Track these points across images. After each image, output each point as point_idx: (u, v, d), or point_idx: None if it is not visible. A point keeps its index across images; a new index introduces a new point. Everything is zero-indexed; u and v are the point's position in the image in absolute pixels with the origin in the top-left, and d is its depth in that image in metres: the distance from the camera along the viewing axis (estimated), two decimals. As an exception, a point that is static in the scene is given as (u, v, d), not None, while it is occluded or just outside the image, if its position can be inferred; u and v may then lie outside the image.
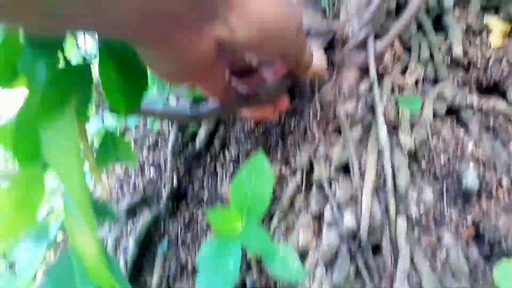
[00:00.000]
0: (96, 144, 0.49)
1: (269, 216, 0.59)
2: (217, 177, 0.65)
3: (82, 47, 0.62)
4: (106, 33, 0.29)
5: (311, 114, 0.61)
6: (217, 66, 0.37)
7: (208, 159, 0.67)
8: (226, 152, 0.65)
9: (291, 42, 0.37)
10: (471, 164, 0.52)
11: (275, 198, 0.60)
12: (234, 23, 0.30)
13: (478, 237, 0.50)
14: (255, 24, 0.31)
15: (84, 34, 0.59)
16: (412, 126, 0.56)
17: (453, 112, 0.61)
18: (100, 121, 0.61)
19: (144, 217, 0.65)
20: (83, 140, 0.36)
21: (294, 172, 0.60)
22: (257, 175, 0.47)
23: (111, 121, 0.65)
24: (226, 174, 0.64)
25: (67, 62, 0.35)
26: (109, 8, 0.23)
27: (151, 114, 0.43)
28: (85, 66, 0.35)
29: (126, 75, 0.39)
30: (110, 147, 0.42)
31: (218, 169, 0.65)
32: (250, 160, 0.48)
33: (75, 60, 0.36)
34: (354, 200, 0.50)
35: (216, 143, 0.66)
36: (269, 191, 0.45)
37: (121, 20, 0.25)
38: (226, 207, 0.45)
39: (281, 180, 0.61)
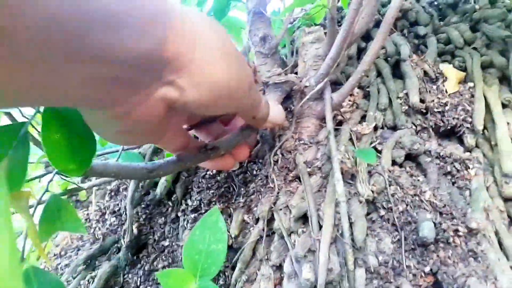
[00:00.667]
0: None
1: (231, 266, 0.58)
2: (178, 225, 0.64)
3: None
4: (48, 104, 0.28)
5: (272, 161, 0.61)
6: (170, 123, 0.37)
7: (170, 206, 0.66)
8: (188, 200, 0.64)
9: (243, 99, 0.37)
10: (428, 212, 0.52)
11: (238, 247, 0.60)
12: (183, 85, 0.29)
13: (436, 285, 0.49)
14: (204, 85, 0.31)
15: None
16: (370, 174, 0.57)
17: (412, 158, 0.62)
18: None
19: (103, 268, 0.63)
20: (23, 212, 0.34)
21: (256, 220, 0.60)
22: (211, 233, 0.46)
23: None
24: (187, 222, 0.63)
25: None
26: (53, 86, 0.23)
27: (104, 174, 0.42)
28: (20, 125, 0.34)
29: (72, 135, 0.38)
30: (55, 216, 0.40)
31: (180, 217, 0.64)
32: (205, 217, 0.47)
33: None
34: (313, 252, 0.50)
35: (178, 190, 0.66)
36: (223, 250, 0.44)
37: (65, 93, 0.25)
38: (179, 269, 0.44)
39: (244, 228, 0.61)
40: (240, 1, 0.67)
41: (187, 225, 0.63)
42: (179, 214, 0.65)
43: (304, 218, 0.54)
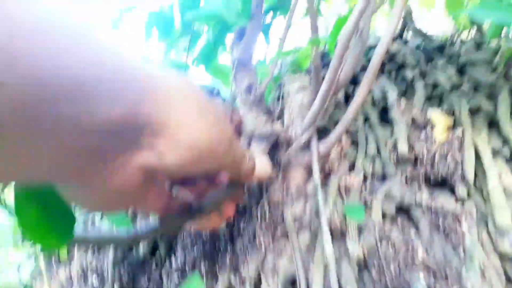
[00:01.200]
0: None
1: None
2: (162, 286, 0.61)
3: None
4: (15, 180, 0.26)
5: (259, 216, 0.59)
6: (150, 185, 0.34)
7: (153, 266, 0.63)
8: (172, 259, 0.61)
9: (225, 156, 0.35)
10: (421, 273, 0.50)
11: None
12: (161, 149, 0.28)
13: None
14: (183, 147, 0.29)
15: None
16: (360, 231, 0.54)
17: (403, 210, 0.60)
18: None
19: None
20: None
21: (243, 283, 0.56)
22: (191, 302, 0.43)
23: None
24: (171, 282, 0.60)
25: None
26: (20, 161, 0.21)
27: (85, 243, 0.40)
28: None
29: (48, 209, 0.36)
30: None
31: (164, 278, 0.61)
32: (185, 285, 0.44)
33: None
34: (301, 320, 0.47)
35: (162, 249, 0.63)
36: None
37: (32, 168, 0.23)
38: None
39: (230, 290, 0.58)
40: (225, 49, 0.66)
41: (171, 286, 0.59)
42: (163, 274, 0.62)
43: (292, 281, 0.51)
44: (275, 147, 0.60)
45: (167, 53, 0.73)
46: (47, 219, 0.35)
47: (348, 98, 0.78)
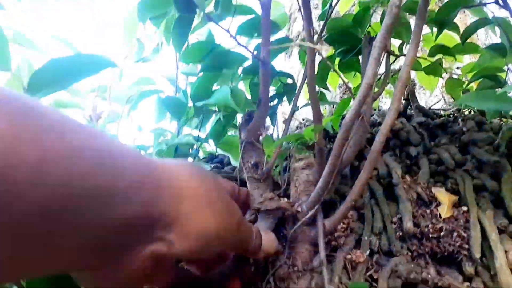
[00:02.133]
0: None
1: None
2: None
3: None
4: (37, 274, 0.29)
5: (265, 292, 0.59)
6: (159, 267, 0.36)
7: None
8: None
9: (233, 238, 0.37)
10: None
11: None
12: (171, 239, 0.30)
13: None
14: (192, 235, 0.31)
15: None
16: (366, 308, 0.54)
17: (409, 287, 0.59)
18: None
19: None
20: None
21: None
22: None
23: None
24: None
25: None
26: (44, 257, 0.24)
27: None
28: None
29: None
30: None
31: None
32: None
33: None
34: None
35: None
36: None
37: (53, 262, 0.25)
38: None
39: None
40: (236, 127, 0.71)
41: None
42: None
43: None
44: (281, 223, 0.62)
45: (180, 130, 0.78)
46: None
47: (353, 172, 0.80)
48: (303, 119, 1.06)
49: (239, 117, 0.77)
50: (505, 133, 0.72)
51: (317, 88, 0.61)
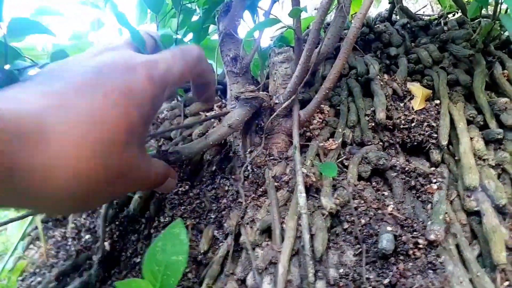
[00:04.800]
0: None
1: (199, 282, 0.59)
2: (151, 242, 0.65)
3: None
4: None
5: (242, 177, 0.63)
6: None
7: (143, 223, 0.67)
8: (161, 217, 0.65)
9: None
10: (390, 225, 0.53)
11: (207, 262, 0.60)
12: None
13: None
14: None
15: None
16: (335, 188, 0.58)
17: (379, 173, 0.63)
18: None
19: (73, 285, 0.64)
20: None
21: (226, 236, 0.60)
22: (172, 244, 0.47)
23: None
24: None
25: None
26: None
27: None
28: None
29: None
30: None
31: (152, 234, 0.65)
32: (167, 228, 0.48)
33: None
34: (275, 264, 0.50)
35: (151, 207, 0.67)
36: (183, 262, 0.45)
37: None
38: (138, 279, 0.45)
39: (214, 244, 0.62)
40: (214, 23, 0.70)
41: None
42: (152, 231, 0.66)
43: (269, 232, 0.55)
44: (258, 114, 0.64)
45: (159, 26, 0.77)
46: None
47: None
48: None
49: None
50: (482, 29, 0.73)
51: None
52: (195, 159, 0.70)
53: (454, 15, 0.94)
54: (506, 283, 0.50)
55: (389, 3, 0.96)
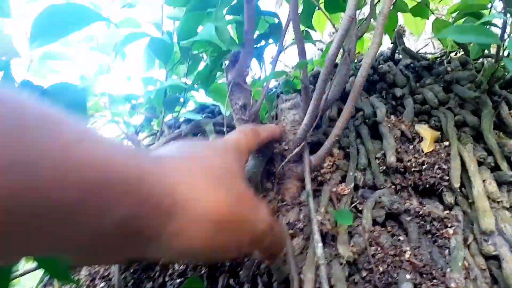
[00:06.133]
0: None
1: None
2: (165, 288, 0.64)
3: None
4: None
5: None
6: None
7: (157, 271, 0.67)
8: (176, 264, 0.65)
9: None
10: (408, 273, 0.52)
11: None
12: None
13: None
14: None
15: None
16: (351, 235, 0.57)
17: (393, 217, 0.63)
18: None
19: None
20: None
21: (241, 285, 0.60)
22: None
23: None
24: (173, 286, 0.63)
25: None
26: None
27: None
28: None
29: None
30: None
31: (167, 282, 0.64)
32: (185, 284, 0.48)
33: None
34: (294, 317, 0.50)
35: (165, 257, 0.66)
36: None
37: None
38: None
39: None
40: (222, 70, 0.72)
41: (173, 289, 0.63)
42: (166, 279, 0.65)
43: (286, 282, 0.54)
44: (270, 160, 0.65)
45: (168, 75, 0.79)
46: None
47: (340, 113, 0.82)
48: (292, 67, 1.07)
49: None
50: (486, 70, 0.74)
51: (302, 28, 0.62)
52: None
53: (456, 54, 0.96)
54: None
55: (391, 43, 0.98)
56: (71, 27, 0.52)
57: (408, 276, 0.52)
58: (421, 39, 1.42)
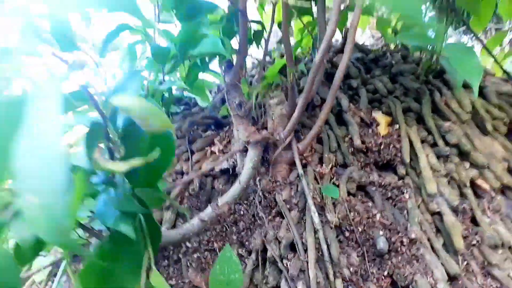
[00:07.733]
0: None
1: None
2: (181, 265, 0.76)
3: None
4: None
5: (256, 202, 0.76)
6: None
7: (171, 250, 0.78)
8: (187, 243, 0.76)
9: None
10: (381, 230, 0.70)
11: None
12: None
13: (394, 285, 0.67)
14: None
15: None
16: (334, 205, 0.74)
17: (361, 188, 0.80)
18: None
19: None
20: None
21: (249, 253, 0.73)
22: (228, 265, 0.59)
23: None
24: (189, 262, 0.75)
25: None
26: None
27: None
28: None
29: None
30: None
31: (182, 258, 0.76)
32: (221, 254, 0.60)
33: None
34: (302, 271, 0.65)
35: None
36: (240, 278, 0.58)
37: None
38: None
39: (240, 260, 0.74)
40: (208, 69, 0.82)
41: (189, 264, 0.75)
42: (180, 255, 0.76)
43: (291, 246, 0.69)
44: (265, 150, 0.78)
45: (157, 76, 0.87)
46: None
47: (308, 106, 0.97)
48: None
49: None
50: (424, 64, 0.93)
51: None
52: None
53: (395, 45, 1.14)
54: (465, 262, 0.69)
55: (342, 37, 1.14)
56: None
57: (381, 233, 0.69)
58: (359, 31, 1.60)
